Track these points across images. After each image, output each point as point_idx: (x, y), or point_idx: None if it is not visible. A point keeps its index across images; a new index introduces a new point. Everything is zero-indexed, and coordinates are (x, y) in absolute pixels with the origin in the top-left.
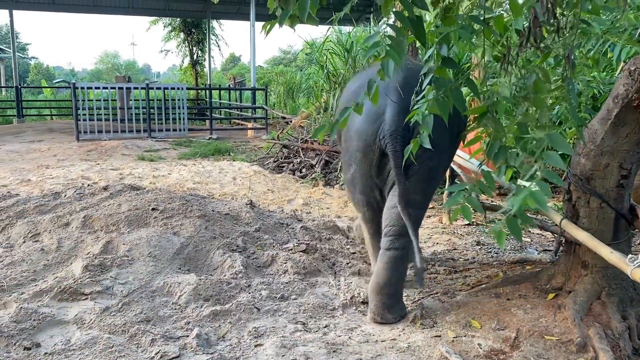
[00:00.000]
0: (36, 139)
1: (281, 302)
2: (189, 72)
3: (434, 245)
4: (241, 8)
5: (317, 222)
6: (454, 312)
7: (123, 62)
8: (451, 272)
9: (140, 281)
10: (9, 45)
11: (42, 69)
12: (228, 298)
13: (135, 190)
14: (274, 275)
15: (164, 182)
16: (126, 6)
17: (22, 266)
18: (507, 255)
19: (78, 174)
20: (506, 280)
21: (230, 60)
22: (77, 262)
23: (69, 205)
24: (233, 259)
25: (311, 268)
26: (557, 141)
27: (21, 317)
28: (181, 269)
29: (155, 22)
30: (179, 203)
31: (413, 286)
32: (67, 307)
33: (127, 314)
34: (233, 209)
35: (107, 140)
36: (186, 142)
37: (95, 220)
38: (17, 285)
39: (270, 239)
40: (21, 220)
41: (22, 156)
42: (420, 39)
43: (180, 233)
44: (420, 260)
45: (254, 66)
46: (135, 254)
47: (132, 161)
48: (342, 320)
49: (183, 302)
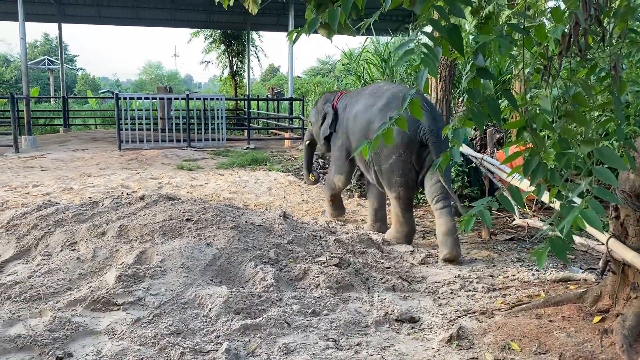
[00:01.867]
0: (80, 148)
1: (312, 317)
2: (228, 82)
3: (472, 261)
4: (280, 19)
5: (351, 235)
6: (492, 332)
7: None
8: (490, 290)
9: (172, 292)
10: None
11: (89, 80)
12: (259, 312)
13: (170, 200)
14: (305, 289)
15: (201, 192)
16: (169, 18)
17: (59, 275)
18: (549, 273)
19: (118, 182)
20: (548, 301)
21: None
22: (111, 272)
23: (106, 214)
24: (265, 272)
25: (344, 282)
26: (608, 156)
27: (55, 326)
28: (213, 281)
29: (197, 34)
30: (212, 214)
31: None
32: (99, 317)
33: (158, 326)
34: (266, 220)
35: (148, 150)
36: (224, 151)
37: (131, 230)
38: (53, 294)
39: (303, 251)
40: (60, 229)
41: (66, 164)
42: (457, 48)
43: (213, 244)
44: (460, 204)
45: (291, 77)
46: (168, 264)
47: (171, 170)
48: (375, 338)
49: (214, 315)
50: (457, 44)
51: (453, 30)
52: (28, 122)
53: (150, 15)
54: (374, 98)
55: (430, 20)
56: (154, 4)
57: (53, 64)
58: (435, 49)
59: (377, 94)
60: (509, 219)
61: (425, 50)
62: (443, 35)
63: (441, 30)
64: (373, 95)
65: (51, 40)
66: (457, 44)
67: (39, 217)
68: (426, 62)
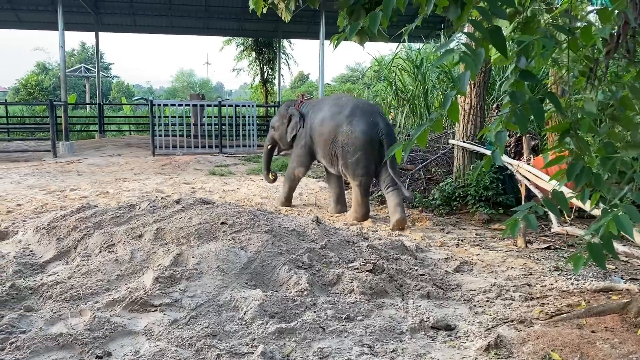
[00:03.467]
0: (115, 153)
1: (347, 322)
2: (259, 90)
3: (508, 269)
4: (311, 27)
5: (383, 241)
6: (531, 342)
7: (198, 80)
8: (527, 299)
9: (207, 295)
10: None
11: (123, 87)
12: (293, 316)
13: (206, 204)
14: (339, 294)
15: (233, 197)
16: (202, 27)
17: (97, 275)
18: (589, 282)
19: (152, 187)
20: (590, 311)
21: (299, 78)
22: (148, 274)
23: (143, 217)
24: (299, 276)
25: (378, 289)
26: None
27: (94, 325)
28: (248, 284)
29: (229, 42)
30: (247, 218)
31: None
32: (137, 318)
33: (195, 328)
34: (299, 225)
35: (181, 155)
36: (255, 157)
37: (167, 233)
38: (92, 294)
39: (336, 256)
40: (98, 231)
41: (101, 169)
42: (500, 49)
43: (248, 248)
44: (405, 190)
45: (322, 83)
46: (204, 267)
47: (204, 175)
48: (411, 345)
49: (249, 317)
50: (500, 45)
51: (495, 31)
52: (66, 128)
53: (183, 24)
54: (338, 107)
55: (471, 21)
56: (187, 13)
57: (89, 72)
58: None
59: (339, 103)
60: (544, 227)
61: (467, 51)
62: (485, 36)
63: (483, 32)
64: (336, 105)
65: (87, 48)
66: (500, 45)
67: (78, 220)
68: (467, 62)
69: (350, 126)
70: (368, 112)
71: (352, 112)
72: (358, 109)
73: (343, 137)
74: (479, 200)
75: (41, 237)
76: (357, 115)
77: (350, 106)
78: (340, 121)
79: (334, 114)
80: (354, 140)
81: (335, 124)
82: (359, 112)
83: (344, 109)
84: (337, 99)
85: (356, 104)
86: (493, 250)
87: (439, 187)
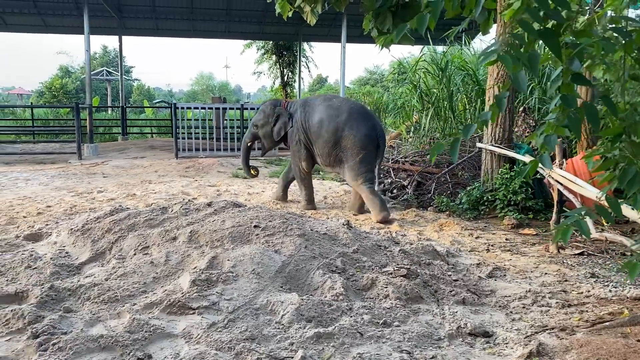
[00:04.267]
0: (139, 156)
1: (384, 328)
2: (279, 93)
3: (542, 275)
4: (331, 30)
5: (415, 246)
6: (575, 350)
7: (217, 84)
8: (564, 306)
9: (244, 298)
10: (115, 68)
11: (144, 90)
12: (330, 320)
13: (237, 207)
14: (374, 299)
15: (258, 199)
16: (224, 30)
17: (134, 278)
18: (627, 290)
19: (178, 189)
20: (635, 319)
21: (317, 81)
22: (184, 276)
23: (176, 220)
24: (333, 280)
25: (413, 294)
26: None
27: (134, 327)
28: (283, 288)
29: (249, 45)
30: (279, 221)
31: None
32: (175, 321)
33: (233, 331)
34: (330, 229)
35: (204, 158)
36: (276, 160)
37: (201, 236)
38: (129, 296)
39: (369, 261)
40: (132, 233)
41: (126, 171)
42: (555, 51)
43: (281, 251)
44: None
45: (343, 86)
46: (239, 270)
47: (227, 178)
48: (450, 351)
49: (286, 321)
50: (555, 47)
51: (548, 33)
52: (90, 130)
53: (205, 27)
54: (335, 110)
55: (521, 24)
56: (209, 16)
57: (111, 75)
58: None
59: (333, 105)
60: (575, 232)
61: (509, 51)
62: (535, 37)
63: (534, 34)
64: (331, 107)
65: (109, 52)
66: (554, 47)
67: (112, 222)
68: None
69: (353, 130)
70: (365, 115)
71: (350, 115)
72: (355, 112)
73: (346, 141)
74: (507, 204)
75: (76, 238)
76: (356, 119)
77: (347, 110)
78: (341, 125)
79: (332, 116)
80: (357, 143)
81: (335, 128)
82: (358, 116)
83: (342, 113)
84: (328, 99)
85: (352, 107)
86: (525, 256)
87: (466, 191)
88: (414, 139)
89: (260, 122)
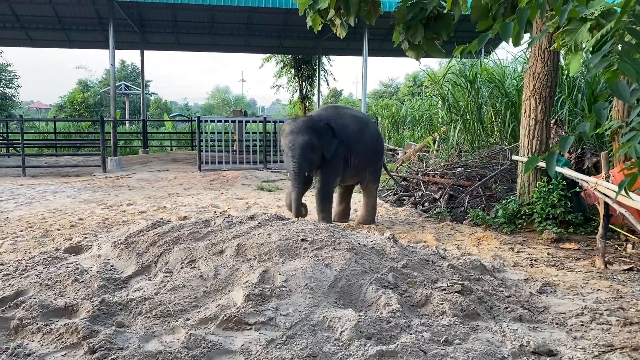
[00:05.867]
0: (162, 169)
1: (446, 346)
2: (297, 106)
3: (594, 291)
4: (350, 44)
5: (462, 261)
6: None
7: (232, 97)
8: (626, 324)
9: (300, 314)
10: (133, 82)
11: (161, 104)
12: (390, 338)
13: (280, 219)
14: (430, 316)
15: (289, 213)
16: (243, 44)
17: (184, 292)
18: None
19: (207, 202)
20: None
21: (332, 94)
22: (236, 291)
23: (221, 233)
24: (388, 296)
25: (469, 311)
26: None
27: (191, 344)
28: (337, 303)
29: (269, 59)
30: (325, 234)
31: None
32: (232, 336)
33: (293, 348)
34: (377, 243)
35: (227, 171)
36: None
37: (248, 249)
38: (181, 311)
39: (420, 276)
40: (177, 247)
41: (151, 184)
42: None
43: (332, 265)
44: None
45: (364, 99)
46: (292, 284)
47: (253, 191)
48: None
49: (345, 339)
50: None
51: None
52: (114, 143)
53: (225, 42)
54: (356, 118)
55: (628, 29)
56: (229, 31)
57: (129, 89)
58: None
59: (347, 113)
60: (618, 247)
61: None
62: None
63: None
64: (346, 115)
65: (127, 66)
66: None
67: (156, 235)
68: (625, 69)
69: (379, 137)
70: (374, 123)
71: (369, 122)
72: (370, 121)
73: (379, 146)
74: (545, 218)
75: (120, 252)
76: (374, 126)
77: (364, 118)
78: (374, 132)
79: (360, 130)
80: (382, 148)
81: (370, 134)
82: (373, 124)
83: (363, 121)
84: (339, 109)
85: (365, 116)
86: (572, 271)
87: (502, 205)
88: (442, 151)
89: (315, 143)
